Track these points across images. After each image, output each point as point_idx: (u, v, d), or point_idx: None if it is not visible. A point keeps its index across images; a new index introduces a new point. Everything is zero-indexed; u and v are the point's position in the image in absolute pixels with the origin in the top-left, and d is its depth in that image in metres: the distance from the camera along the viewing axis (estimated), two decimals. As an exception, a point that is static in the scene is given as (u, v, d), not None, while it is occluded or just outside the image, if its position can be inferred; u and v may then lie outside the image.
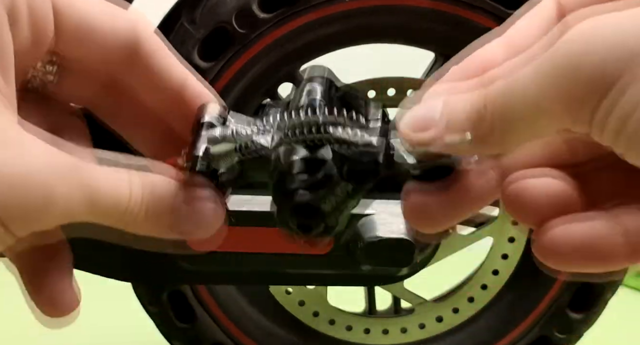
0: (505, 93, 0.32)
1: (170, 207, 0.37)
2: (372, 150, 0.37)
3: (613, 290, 0.69)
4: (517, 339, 0.71)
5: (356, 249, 0.53)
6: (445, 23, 0.62)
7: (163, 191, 0.37)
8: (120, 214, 0.35)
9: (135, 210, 0.36)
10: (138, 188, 0.36)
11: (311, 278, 0.58)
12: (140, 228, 0.37)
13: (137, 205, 0.36)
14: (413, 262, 0.53)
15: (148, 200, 0.36)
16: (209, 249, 0.40)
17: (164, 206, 0.37)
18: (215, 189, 0.38)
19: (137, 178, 0.36)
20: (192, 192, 0.38)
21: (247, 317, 0.71)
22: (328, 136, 0.37)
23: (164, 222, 0.37)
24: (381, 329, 0.70)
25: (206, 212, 0.39)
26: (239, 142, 0.37)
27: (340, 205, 0.40)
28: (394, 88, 0.59)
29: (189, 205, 0.37)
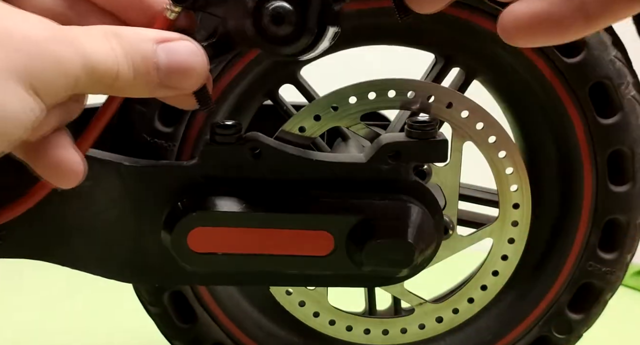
0: None
1: (155, 65, 0.40)
2: None
3: (613, 291, 0.69)
4: (517, 340, 0.71)
5: (357, 250, 0.53)
6: (445, 25, 0.62)
7: (145, 52, 0.40)
8: (113, 78, 0.39)
9: (124, 73, 0.39)
10: (121, 53, 0.39)
11: (312, 279, 0.58)
12: (132, 90, 0.41)
13: (125, 68, 0.39)
14: (413, 263, 0.53)
15: (132, 62, 0.39)
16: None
17: (148, 64, 0.40)
18: (194, 40, 0.42)
19: (117, 45, 0.39)
20: (171, 48, 0.41)
21: (248, 317, 0.71)
22: None
23: (152, 79, 0.41)
24: (381, 329, 0.70)
25: (187, 63, 0.42)
26: None
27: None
28: (394, 90, 0.59)
29: (171, 61, 0.41)
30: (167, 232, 0.55)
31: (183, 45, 0.42)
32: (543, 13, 0.38)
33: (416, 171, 0.63)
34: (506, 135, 0.63)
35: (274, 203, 0.54)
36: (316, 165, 0.55)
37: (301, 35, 0.45)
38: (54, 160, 0.42)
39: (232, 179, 0.55)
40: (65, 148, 0.43)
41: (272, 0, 0.45)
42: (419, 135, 0.55)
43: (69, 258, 0.58)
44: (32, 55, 0.35)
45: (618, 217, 0.66)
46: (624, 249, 0.67)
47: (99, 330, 1.00)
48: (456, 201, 0.64)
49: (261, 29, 0.45)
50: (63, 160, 0.43)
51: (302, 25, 0.45)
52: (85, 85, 0.38)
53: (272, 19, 0.45)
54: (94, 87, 0.39)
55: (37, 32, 0.36)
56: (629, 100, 0.64)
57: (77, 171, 0.43)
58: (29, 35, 0.36)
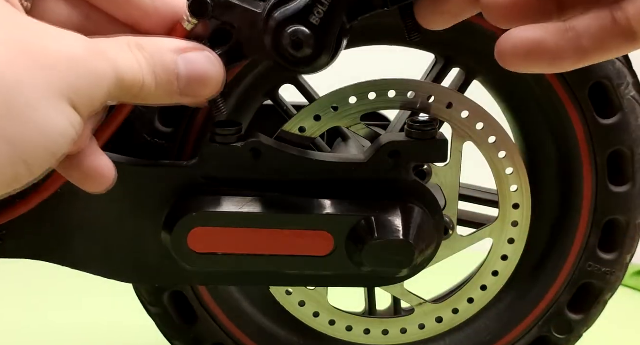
0: None
1: (176, 75, 0.42)
2: None
3: (612, 291, 0.69)
4: (517, 340, 0.71)
5: (356, 250, 0.53)
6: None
7: (167, 63, 0.42)
8: (138, 89, 0.40)
9: (148, 83, 0.41)
10: (145, 65, 0.41)
11: (312, 279, 0.58)
12: (154, 98, 0.42)
13: (149, 79, 0.41)
14: (413, 263, 0.54)
15: (155, 73, 0.41)
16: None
17: (170, 75, 0.42)
18: (211, 50, 0.44)
19: (141, 57, 0.41)
20: (190, 59, 0.43)
21: (248, 317, 0.71)
22: None
23: (173, 88, 0.42)
24: (381, 330, 0.70)
25: (206, 73, 0.44)
26: None
27: (329, 14, 0.46)
28: (394, 90, 0.59)
29: (190, 71, 0.43)
30: (167, 232, 0.55)
31: (202, 56, 0.44)
32: (539, 44, 0.40)
33: (416, 171, 0.63)
34: (506, 136, 0.63)
35: (274, 203, 0.54)
36: (316, 166, 0.55)
37: (320, 56, 0.47)
38: (88, 168, 0.44)
39: (232, 179, 0.55)
40: (97, 154, 0.45)
41: (292, 25, 0.46)
42: (419, 136, 0.55)
43: (69, 258, 0.58)
44: (71, 72, 0.36)
45: (618, 217, 0.66)
46: (624, 249, 0.67)
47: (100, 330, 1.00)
48: (456, 201, 0.64)
49: (280, 51, 0.47)
50: (97, 167, 0.44)
51: (320, 48, 0.47)
52: (115, 95, 0.40)
53: (291, 44, 0.47)
54: (121, 97, 0.40)
55: (73, 49, 0.37)
56: (628, 101, 0.64)
57: (110, 176, 0.45)
58: (66, 52, 0.36)
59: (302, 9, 0.46)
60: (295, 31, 0.46)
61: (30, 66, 0.34)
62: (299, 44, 0.47)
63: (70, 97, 0.36)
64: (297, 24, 0.46)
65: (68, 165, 0.44)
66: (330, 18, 0.46)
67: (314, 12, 0.46)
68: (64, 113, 0.36)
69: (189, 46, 0.44)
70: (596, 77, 0.63)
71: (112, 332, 1.00)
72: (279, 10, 0.47)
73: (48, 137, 0.35)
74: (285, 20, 0.46)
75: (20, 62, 0.34)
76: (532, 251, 0.69)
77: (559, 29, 0.41)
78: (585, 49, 0.40)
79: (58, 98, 0.35)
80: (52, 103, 0.35)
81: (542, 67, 0.41)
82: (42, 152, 0.36)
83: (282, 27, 0.47)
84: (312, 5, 0.46)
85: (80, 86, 0.37)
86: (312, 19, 0.46)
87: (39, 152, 0.35)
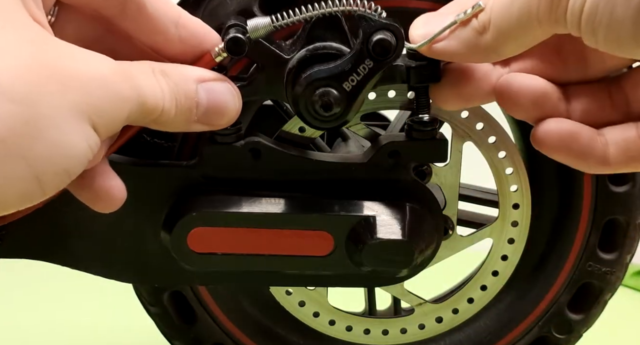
0: (505, 6, 0.42)
1: (196, 104, 0.43)
2: (392, 27, 0.48)
3: (612, 291, 0.69)
4: (517, 340, 0.71)
5: (356, 250, 0.53)
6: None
7: (189, 91, 0.43)
8: (157, 114, 0.41)
9: (168, 109, 0.41)
10: (168, 91, 0.41)
11: (312, 279, 0.58)
12: (171, 125, 0.43)
13: (169, 105, 0.42)
14: (413, 263, 0.53)
15: (176, 100, 0.42)
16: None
17: (190, 103, 0.43)
18: (230, 81, 0.46)
19: (164, 83, 0.41)
20: (211, 88, 0.44)
21: (248, 317, 0.71)
22: (357, 9, 0.47)
23: (191, 117, 0.43)
24: (381, 330, 0.70)
25: (225, 104, 0.45)
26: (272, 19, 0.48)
27: (361, 83, 0.48)
28: (394, 90, 0.59)
29: (210, 100, 0.44)
30: (166, 232, 0.55)
31: (222, 86, 0.45)
32: (570, 142, 0.45)
33: (416, 171, 0.63)
34: (506, 136, 0.63)
35: (273, 203, 0.54)
36: (316, 166, 0.55)
37: (342, 118, 0.50)
38: (99, 188, 0.45)
39: (232, 179, 0.55)
40: (109, 175, 0.45)
41: (324, 85, 0.49)
42: (419, 135, 0.55)
43: (70, 258, 0.58)
44: (93, 92, 0.36)
45: (618, 217, 0.66)
46: (624, 249, 0.67)
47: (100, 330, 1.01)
48: (456, 201, 0.64)
49: (305, 105, 0.50)
50: (108, 188, 0.45)
51: (346, 111, 0.50)
52: (134, 118, 0.40)
53: (321, 104, 0.49)
54: (140, 120, 0.41)
55: (98, 69, 0.37)
56: (628, 101, 0.64)
57: (120, 197, 0.46)
58: (91, 72, 0.37)
59: (338, 74, 0.49)
60: (327, 92, 0.49)
61: (54, 84, 0.34)
62: (329, 106, 0.49)
63: (91, 117, 0.36)
64: (329, 86, 0.49)
65: (79, 184, 0.44)
66: (361, 86, 0.49)
67: (348, 79, 0.49)
68: (83, 133, 0.36)
69: (211, 76, 0.45)
70: (596, 77, 0.63)
71: (112, 332, 1.00)
72: (314, 68, 0.49)
73: (64, 156, 0.35)
74: (320, 79, 0.49)
75: (43, 79, 0.34)
76: (532, 251, 0.69)
77: (593, 131, 0.45)
78: (610, 160, 0.45)
79: (79, 117, 0.35)
80: (72, 122, 0.35)
81: (568, 161, 0.46)
82: (57, 170, 0.35)
83: (314, 85, 0.49)
84: (349, 72, 0.48)
85: (103, 107, 0.37)
86: (344, 85, 0.49)
87: (54, 170, 0.35)
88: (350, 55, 0.49)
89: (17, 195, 0.34)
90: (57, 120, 0.34)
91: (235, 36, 0.47)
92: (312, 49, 0.50)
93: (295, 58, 0.50)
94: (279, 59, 0.50)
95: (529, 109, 0.47)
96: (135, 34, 0.47)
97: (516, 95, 0.47)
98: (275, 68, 0.50)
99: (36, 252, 0.58)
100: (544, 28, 0.41)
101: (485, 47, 0.44)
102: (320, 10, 0.48)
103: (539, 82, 0.47)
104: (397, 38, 0.48)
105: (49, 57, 0.35)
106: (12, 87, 0.32)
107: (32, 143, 0.33)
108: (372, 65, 0.48)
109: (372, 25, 0.48)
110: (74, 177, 0.37)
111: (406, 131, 0.55)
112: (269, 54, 0.50)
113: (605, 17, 0.37)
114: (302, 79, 0.49)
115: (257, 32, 0.49)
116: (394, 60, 0.49)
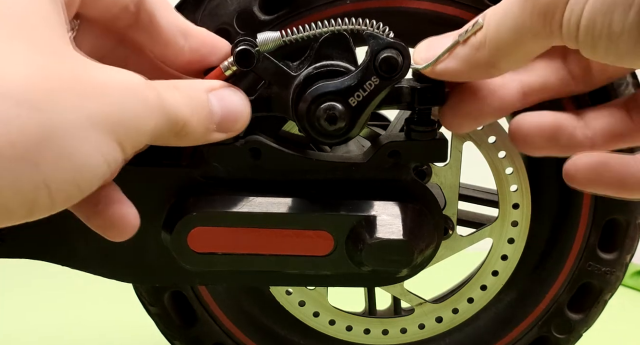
0: (499, 21, 0.42)
1: (211, 112, 0.44)
2: (399, 45, 0.48)
3: (612, 291, 0.69)
4: (517, 340, 0.71)
5: (356, 250, 0.53)
6: (446, 25, 0.62)
7: (203, 101, 0.43)
8: (182, 124, 0.41)
9: (188, 119, 0.41)
10: (184, 104, 0.41)
11: (312, 279, 0.58)
12: (194, 135, 0.43)
13: (189, 117, 0.42)
14: (413, 263, 0.54)
15: (194, 112, 0.42)
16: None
17: (207, 113, 0.44)
18: (242, 92, 0.47)
19: (179, 97, 0.41)
20: (221, 95, 0.45)
21: (248, 317, 0.71)
22: (366, 28, 0.49)
23: (210, 126, 0.44)
24: (381, 329, 0.70)
25: (237, 108, 0.46)
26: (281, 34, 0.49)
27: (366, 100, 0.49)
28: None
29: (222, 106, 0.45)
30: (167, 232, 0.55)
31: (231, 92, 0.46)
32: (603, 172, 0.45)
33: (416, 171, 0.63)
34: (506, 136, 0.63)
35: (273, 203, 0.54)
36: (316, 165, 0.55)
37: (346, 133, 0.51)
38: (112, 216, 0.44)
39: (231, 178, 0.55)
40: (122, 202, 0.44)
41: (329, 99, 0.49)
42: (419, 136, 0.55)
43: (70, 258, 0.58)
44: (115, 102, 0.35)
45: (618, 217, 0.66)
46: (624, 249, 0.67)
47: (100, 330, 1.01)
48: (456, 201, 0.64)
49: (310, 119, 0.50)
50: (121, 216, 0.44)
51: (350, 126, 0.51)
52: (159, 132, 0.39)
53: (326, 117, 0.50)
54: (163, 135, 0.40)
55: (120, 79, 0.37)
56: (628, 101, 0.64)
57: (134, 226, 0.45)
58: (112, 82, 0.36)
59: (344, 89, 0.49)
60: (332, 106, 0.49)
61: (72, 92, 0.33)
62: (334, 119, 0.50)
63: (114, 129, 0.35)
64: (335, 101, 0.49)
65: (87, 208, 0.43)
66: (366, 102, 0.49)
67: (354, 95, 0.49)
68: (100, 145, 0.34)
69: (218, 84, 0.46)
70: (596, 77, 0.63)
71: (112, 332, 1.00)
72: (320, 83, 0.50)
73: (76, 166, 0.34)
74: (325, 93, 0.49)
75: (60, 87, 0.33)
76: (532, 251, 0.69)
77: (574, 118, 0.47)
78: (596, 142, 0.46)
79: (98, 128, 0.34)
80: (89, 132, 0.34)
81: (605, 191, 0.46)
82: (67, 179, 0.34)
83: (320, 99, 0.49)
84: (355, 88, 0.49)
85: (126, 118, 0.36)
86: (350, 100, 0.49)
87: (64, 178, 0.34)
88: (357, 71, 0.49)
89: (23, 202, 0.33)
90: (72, 129, 0.33)
91: (244, 49, 0.48)
92: (319, 66, 0.51)
93: (302, 75, 0.51)
94: (286, 76, 0.51)
95: (546, 147, 0.48)
96: (148, 44, 0.47)
97: (530, 137, 0.47)
98: (281, 84, 0.51)
99: (36, 252, 0.57)
100: (539, 41, 0.41)
101: (484, 62, 0.44)
102: (329, 27, 0.50)
103: (548, 117, 0.47)
104: (404, 56, 0.49)
105: (69, 66, 0.34)
106: (25, 93, 0.31)
107: (43, 148, 0.32)
108: (378, 82, 0.49)
109: (380, 43, 0.49)
110: (86, 192, 0.35)
111: (406, 131, 0.55)
112: (276, 69, 0.50)
113: (604, 30, 0.37)
114: (308, 93, 0.50)
115: (266, 46, 0.49)
116: (399, 78, 0.49)
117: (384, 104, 0.51)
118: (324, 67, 0.51)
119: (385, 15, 0.61)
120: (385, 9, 0.61)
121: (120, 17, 0.45)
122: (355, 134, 0.51)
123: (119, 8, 0.44)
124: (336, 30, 0.50)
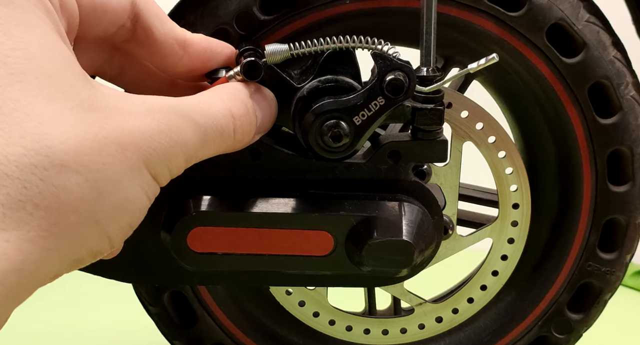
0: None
1: (255, 113, 0.46)
2: (406, 68, 0.49)
3: (612, 291, 0.69)
4: (516, 339, 0.71)
5: (356, 250, 0.53)
6: (446, 25, 0.62)
7: (249, 106, 0.45)
8: (219, 144, 0.42)
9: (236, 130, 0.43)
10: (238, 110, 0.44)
11: (312, 279, 0.58)
12: (244, 140, 0.45)
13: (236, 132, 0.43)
14: (413, 263, 0.53)
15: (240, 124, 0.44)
16: None
17: (249, 124, 0.45)
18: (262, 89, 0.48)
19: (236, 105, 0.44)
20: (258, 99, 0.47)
21: (248, 317, 0.71)
22: (374, 47, 0.49)
23: (249, 135, 0.46)
24: (381, 329, 0.70)
25: (273, 115, 0.49)
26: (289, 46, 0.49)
27: (370, 119, 0.50)
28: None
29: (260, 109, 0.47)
30: (166, 232, 0.55)
31: (264, 93, 0.48)
32: None
33: (416, 171, 0.63)
34: (506, 135, 0.63)
35: (273, 203, 0.54)
36: (316, 165, 0.55)
37: (348, 150, 0.52)
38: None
39: (231, 179, 0.55)
40: None
41: (335, 117, 0.50)
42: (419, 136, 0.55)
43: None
44: (148, 145, 0.37)
45: (617, 217, 0.66)
46: (624, 249, 0.67)
47: (100, 330, 1.01)
48: (456, 201, 0.64)
49: (313, 134, 0.51)
50: None
51: (353, 144, 0.51)
52: (214, 146, 0.42)
53: (331, 135, 0.50)
54: (219, 145, 0.43)
55: (147, 121, 0.37)
56: (628, 100, 0.64)
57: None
58: (141, 126, 0.37)
59: (350, 108, 0.50)
60: (337, 124, 0.50)
61: (111, 146, 0.35)
62: (339, 138, 0.50)
63: (149, 167, 0.37)
64: (340, 119, 0.50)
65: None
66: (371, 122, 0.50)
67: (359, 114, 0.50)
68: (143, 186, 0.37)
69: (253, 88, 0.47)
70: (596, 76, 0.63)
71: (112, 332, 1.00)
72: (325, 99, 0.50)
73: (129, 212, 0.36)
74: (331, 111, 0.50)
75: (101, 143, 0.34)
76: (532, 251, 0.69)
77: None
78: None
79: (138, 172, 0.36)
80: (132, 178, 0.36)
81: None
82: (123, 226, 0.37)
83: (325, 116, 0.50)
84: (360, 107, 0.50)
85: (159, 156, 0.37)
86: (355, 119, 0.50)
87: (120, 227, 0.36)
88: (363, 90, 0.50)
89: (90, 253, 0.35)
90: (119, 181, 0.35)
91: (252, 60, 0.48)
92: (324, 81, 0.51)
93: (306, 88, 0.51)
94: (289, 87, 0.51)
95: None
96: (145, 57, 0.48)
97: None
98: (284, 95, 0.51)
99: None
100: None
101: None
102: (337, 44, 0.50)
103: None
104: (410, 79, 0.49)
105: (100, 118, 0.35)
106: (75, 158, 0.33)
107: (101, 207, 0.34)
108: (384, 102, 0.50)
109: (387, 65, 0.49)
110: (135, 227, 0.38)
111: (411, 131, 0.55)
112: (281, 80, 0.51)
113: None
114: (313, 109, 0.50)
115: (273, 58, 0.50)
116: (405, 99, 0.50)
117: (390, 121, 0.53)
118: (329, 82, 0.51)
119: (385, 15, 0.62)
120: (387, 9, 0.61)
121: (118, 33, 0.46)
122: (353, 151, 0.52)
123: (116, 27, 0.45)
124: (344, 47, 0.50)
